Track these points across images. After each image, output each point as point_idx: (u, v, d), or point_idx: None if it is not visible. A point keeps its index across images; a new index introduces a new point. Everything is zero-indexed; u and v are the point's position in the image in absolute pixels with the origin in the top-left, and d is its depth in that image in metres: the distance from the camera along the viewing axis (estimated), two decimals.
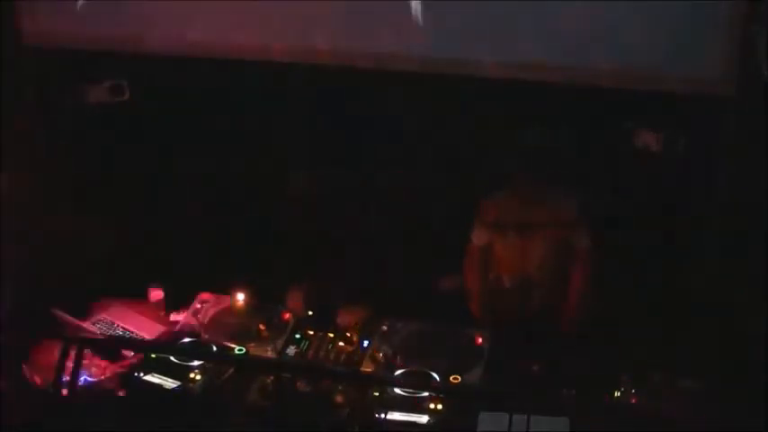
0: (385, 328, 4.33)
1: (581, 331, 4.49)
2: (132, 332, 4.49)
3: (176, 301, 4.57)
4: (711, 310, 4.57)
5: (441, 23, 4.60)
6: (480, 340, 4.25)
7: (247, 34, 4.80)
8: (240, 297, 4.48)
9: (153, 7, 4.81)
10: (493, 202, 4.56)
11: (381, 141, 4.99)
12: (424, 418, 3.85)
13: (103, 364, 4.18)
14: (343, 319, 4.35)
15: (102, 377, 4.13)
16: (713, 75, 4.37)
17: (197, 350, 4.22)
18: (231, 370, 4.10)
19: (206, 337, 4.30)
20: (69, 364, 3.89)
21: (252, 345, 4.24)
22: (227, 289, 4.51)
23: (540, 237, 4.50)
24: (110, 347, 4.28)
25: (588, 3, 4.40)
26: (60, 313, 4.42)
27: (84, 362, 4.00)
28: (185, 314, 4.49)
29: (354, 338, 4.25)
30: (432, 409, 3.87)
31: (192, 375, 4.06)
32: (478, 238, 4.58)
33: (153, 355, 4.15)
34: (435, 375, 4.04)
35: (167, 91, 5.00)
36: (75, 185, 5.11)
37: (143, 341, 4.40)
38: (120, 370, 4.16)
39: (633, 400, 3.94)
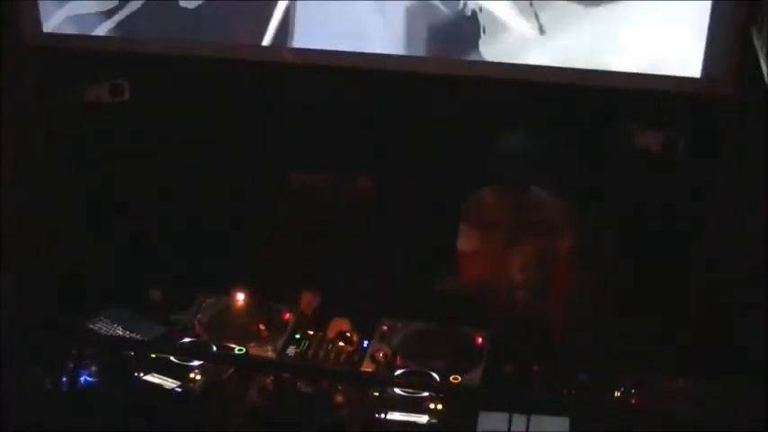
0: (385, 328, 4.33)
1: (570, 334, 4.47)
2: None
3: (176, 301, 4.56)
4: (711, 310, 4.58)
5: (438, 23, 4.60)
6: (480, 340, 4.25)
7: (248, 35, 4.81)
8: (240, 297, 4.47)
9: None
10: (474, 203, 4.53)
11: (381, 141, 4.99)
12: (424, 418, 3.85)
13: None
14: (336, 325, 4.33)
15: None
16: (713, 75, 4.37)
17: (197, 350, 4.22)
18: (231, 370, 4.10)
19: (206, 337, 4.30)
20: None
21: (252, 345, 4.24)
22: (227, 289, 4.51)
23: (523, 239, 4.46)
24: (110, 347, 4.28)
25: (588, 3, 4.41)
26: None
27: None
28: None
29: (354, 338, 4.25)
30: (432, 409, 3.87)
31: (192, 375, 4.06)
32: (466, 244, 4.55)
33: (153, 355, 4.16)
34: (435, 375, 4.04)
35: (167, 91, 4.99)
36: (75, 185, 5.11)
37: (143, 341, 4.39)
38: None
39: (633, 401, 3.94)
